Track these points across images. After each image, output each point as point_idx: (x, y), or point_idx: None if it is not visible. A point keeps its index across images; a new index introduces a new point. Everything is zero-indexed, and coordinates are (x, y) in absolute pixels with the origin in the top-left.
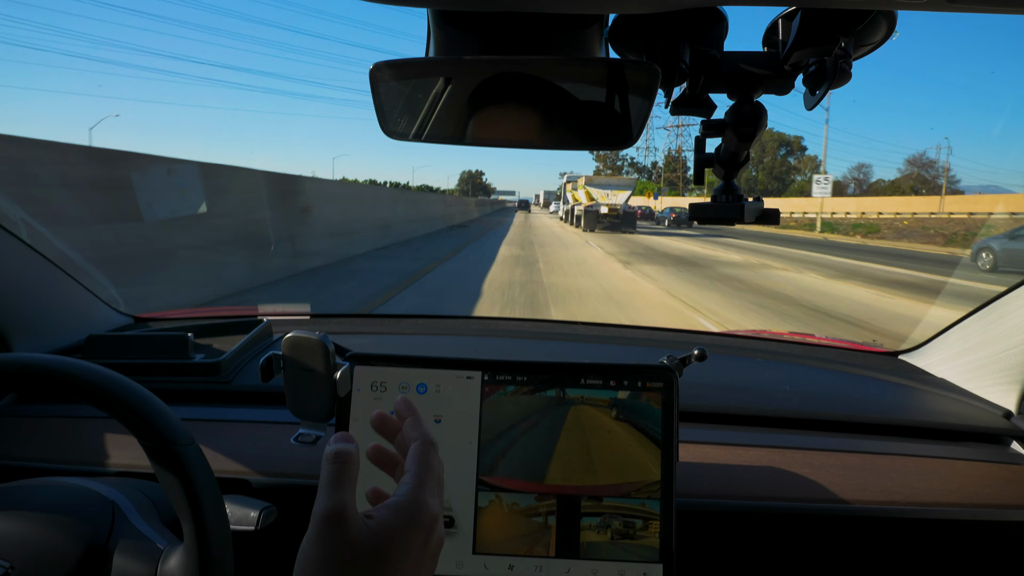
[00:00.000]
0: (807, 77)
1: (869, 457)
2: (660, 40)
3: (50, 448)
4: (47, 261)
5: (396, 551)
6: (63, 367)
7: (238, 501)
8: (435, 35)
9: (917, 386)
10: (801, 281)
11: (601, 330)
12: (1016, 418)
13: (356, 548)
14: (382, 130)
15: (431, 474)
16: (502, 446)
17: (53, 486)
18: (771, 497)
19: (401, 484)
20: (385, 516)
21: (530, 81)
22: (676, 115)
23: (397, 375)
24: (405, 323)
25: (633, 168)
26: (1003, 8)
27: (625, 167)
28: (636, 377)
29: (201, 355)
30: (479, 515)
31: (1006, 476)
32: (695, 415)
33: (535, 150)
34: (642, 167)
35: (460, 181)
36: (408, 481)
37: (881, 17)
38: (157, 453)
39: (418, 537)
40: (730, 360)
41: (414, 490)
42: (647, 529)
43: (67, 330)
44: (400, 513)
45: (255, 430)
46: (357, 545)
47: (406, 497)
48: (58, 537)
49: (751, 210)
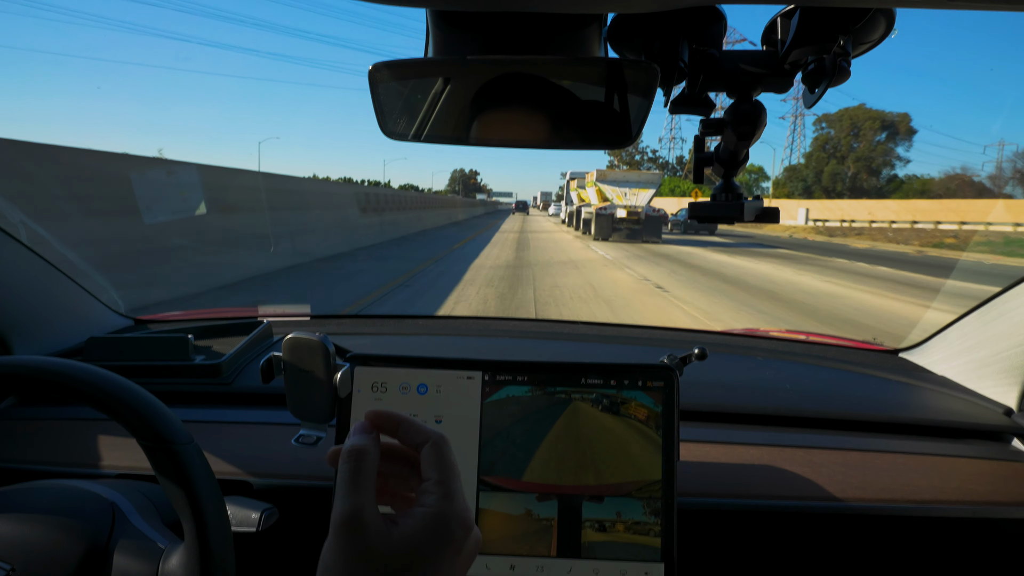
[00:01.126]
0: (806, 75)
1: (870, 455)
2: (659, 39)
3: (50, 450)
4: (47, 263)
5: (424, 563)
6: (62, 369)
7: (239, 503)
8: (434, 35)
9: (917, 384)
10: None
11: (601, 329)
12: (1017, 415)
13: (377, 556)
14: (382, 131)
15: (455, 476)
16: (503, 446)
17: (53, 488)
18: (772, 496)
19: (425, 493)
20: (413, 527)
21: (529, 81)
22: (675, 114)
23: (397, 376)
24: (405, 324)
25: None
26: (1003, 6)
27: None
28: (636, 376)
29: (201, 357)
30: (480, 515)
31: (1007, 473)
32: (696, 414)
33: (532, 151)
34: (664, 162)
35: (451, 181)
36: (433, 490)
37: (880, 15)
38: (156, 453)
39: (451, 549)
40: (730, 359)
41: (443, 499)
42: (648, 528)
43: (67, 332)
44: (429, 525)
45: (256, 431)
46: (379, 553)
47: (435, 507)
48: (59, 538)
49: (751, 209)
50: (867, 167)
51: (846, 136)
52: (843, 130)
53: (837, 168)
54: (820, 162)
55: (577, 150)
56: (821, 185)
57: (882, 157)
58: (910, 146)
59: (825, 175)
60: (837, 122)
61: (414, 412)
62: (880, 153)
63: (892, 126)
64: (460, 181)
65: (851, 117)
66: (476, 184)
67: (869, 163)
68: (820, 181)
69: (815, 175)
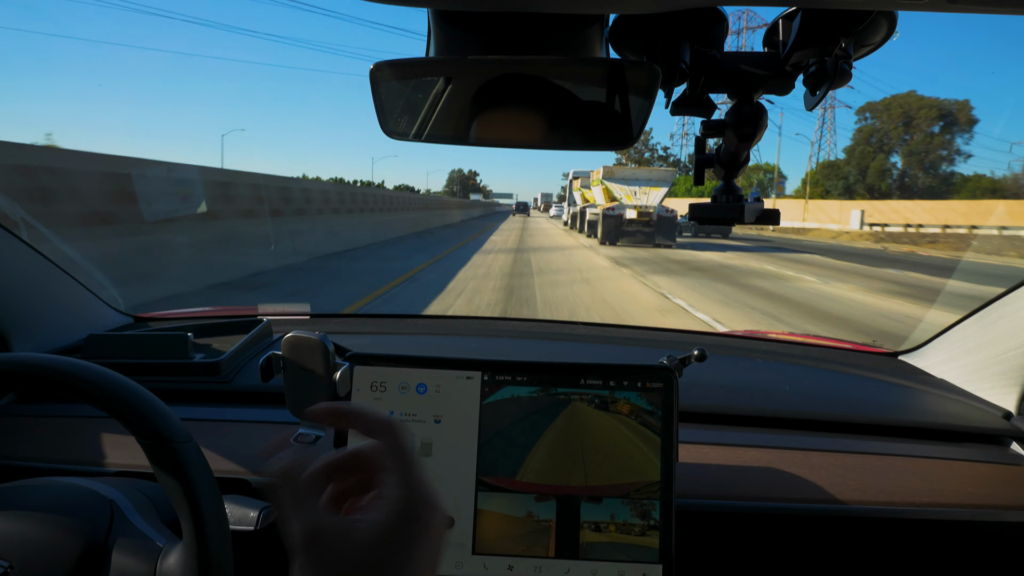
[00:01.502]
0: (807, 77)
1: (868, 458)
2: (660, 40)
3: (49, 448)
4: (47, 260)
5: (396, 550)
6: (61, 366)
7: (238, 501)
8: (435, 35)
9: (917, 387)
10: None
11: (601, 330)
12: (1016, 419)
13: (343, 559)
14: (383, 130)
15: (413, 460)
16: (502, 446)
17: (52, 486)
18: (770, 498)
19: (385, 484)
20: (376, 519)
21: (530, 81)
22: (676, 115)
23: (397, 375)
24: (405, 323)
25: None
26: (1003, 8)
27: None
28: (636, 377)
29: (201, 355)
30: (479, 515)
31: (1006, 477)
32: (695, 415)
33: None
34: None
35: (448, 181)
36: (392, 479)
37: (881, 17)
38: (155, 450)
39: (419, 531)
40: (730, 361)
41: (403, 486)
42: (647, 530)
43: (67, 330)
44: (392, 512)
45: (255, 430)
46: (344, 555)
47: (396, 494)
48: (57, 536)
49: (751, 210)
50: (919, 162)
51: (896, 127)
52: (892, 120)
53: (885, 163)
54: (865, 157)
55: (578, 151)
56: (865, 183)
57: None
58: (970, 138)
59: (871, 171)
60: (884, 111)
61: (413, 412)
62: (937, 146)
63: (950, 115)
64: (458, 182)
65: (901, 105)
66: (475, 185)
67: (922, 158)
68: (864, 179)
69: (859, 172)
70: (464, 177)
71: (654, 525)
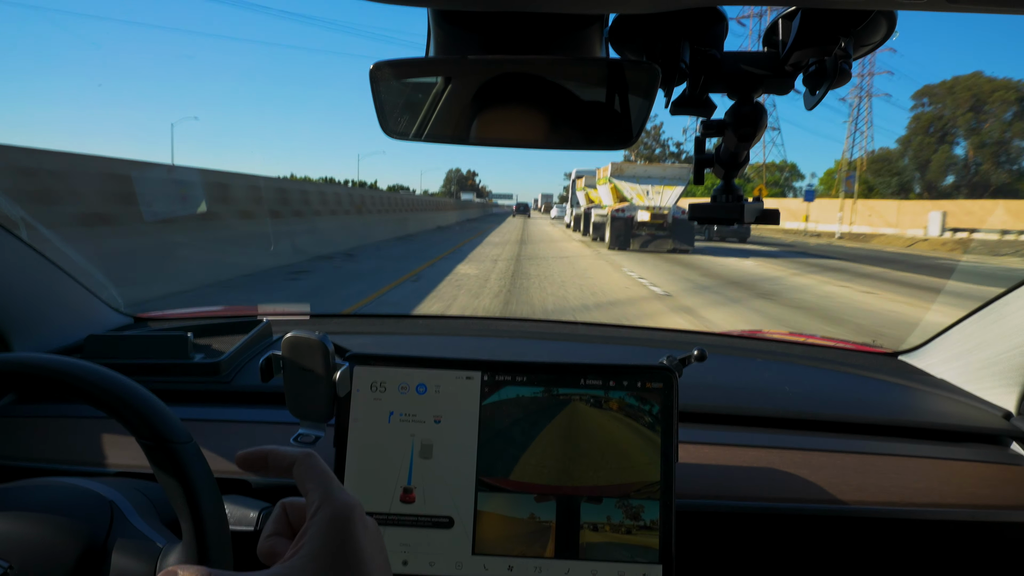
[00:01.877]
0: (807, 77)
1: (868, 458)
2: (660, 40)
3: (49, 448)
4: (46, 260)
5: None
6: (61, 367)
7: (238, 501)
8: (435, 34)
9: (916, 387)
10: None
11: (601, 330)
12: (1016, 419)
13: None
14: (382, 129)
15: (330, 479)
16: (501, 446)
17: (51, 486)
18: (770, 498)
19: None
20: (309, 547)
21: (530, 81)
22: (676, 115)
23: (397, 375)
24: (405, 323)
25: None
26: (1004, 8)
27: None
28: (636, 377)
29: (201, 355)
30: (478, 516)
31: (1006, 477)
32: (695, 415)
33: (533, 153)
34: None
35: (445, 181)
36: (314, 500)
37: (881, 17)
38: (155, 451)
39: (356, 532)
40: (729, 360)
41: (325, 502)
42: (646, 530)
43: (66, 330)
44: (322, 531)
45: (255, 430)
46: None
47: (321, 512)
48: (57, 537)
49: (751, 210)
50: (992, 155)
51: (963, 112)
52: (958, 106)
53: (950, 156)
54: (924, 148)
55: (578, 151)
56: (925, 179)
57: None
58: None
59: (933, 166)
60: (947, 95)
61: (413, 412)
62: (1015, 135)
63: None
64: (456, 182)
65: (968, 88)
66: (473, 185)
67: (996, 149)
68: (924, 174)
69: (917, 166)
70: (463, 177)
71: (654, 525)
